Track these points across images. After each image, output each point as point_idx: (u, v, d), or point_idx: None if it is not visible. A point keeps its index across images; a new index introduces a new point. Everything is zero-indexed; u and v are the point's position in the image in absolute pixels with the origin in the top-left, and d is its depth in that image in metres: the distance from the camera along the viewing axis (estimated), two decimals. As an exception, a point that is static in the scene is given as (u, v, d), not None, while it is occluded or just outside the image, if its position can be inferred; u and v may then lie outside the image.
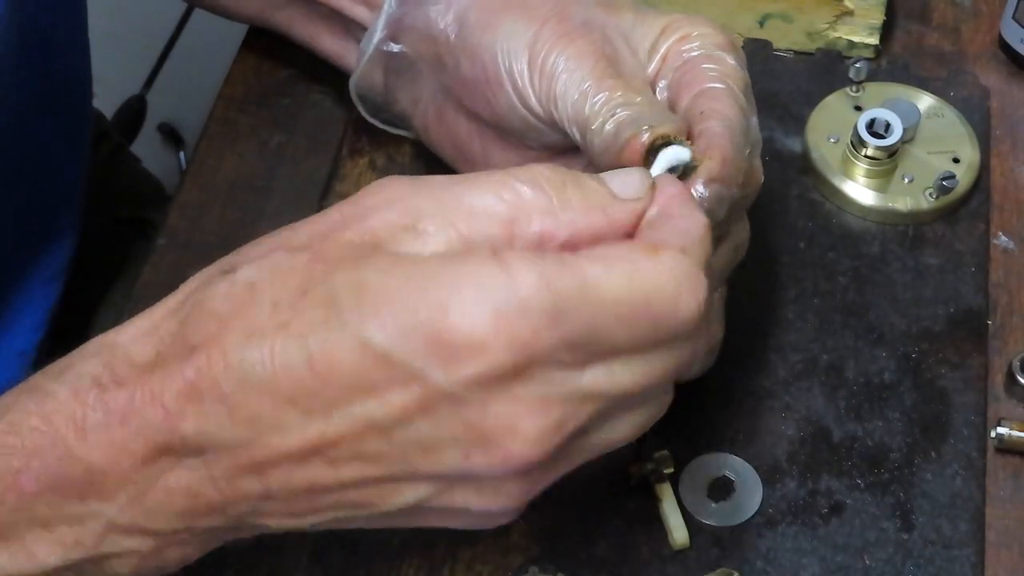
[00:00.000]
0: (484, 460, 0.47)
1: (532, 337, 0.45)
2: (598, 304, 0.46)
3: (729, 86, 0.60)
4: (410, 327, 0.45)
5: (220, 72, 0.83)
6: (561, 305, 0.46)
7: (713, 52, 0.61)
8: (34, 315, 0.83)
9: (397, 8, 0.69)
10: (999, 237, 0.75)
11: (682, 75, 0.61)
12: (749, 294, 0.72)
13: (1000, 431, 0.66)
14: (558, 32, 0.61)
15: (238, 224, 0.76)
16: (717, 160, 0.56)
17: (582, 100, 0.60)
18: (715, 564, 0.63)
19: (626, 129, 0.57)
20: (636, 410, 0.51)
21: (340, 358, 0.46)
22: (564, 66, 0.61)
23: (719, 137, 0.57)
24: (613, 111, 0.59)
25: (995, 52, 0.83)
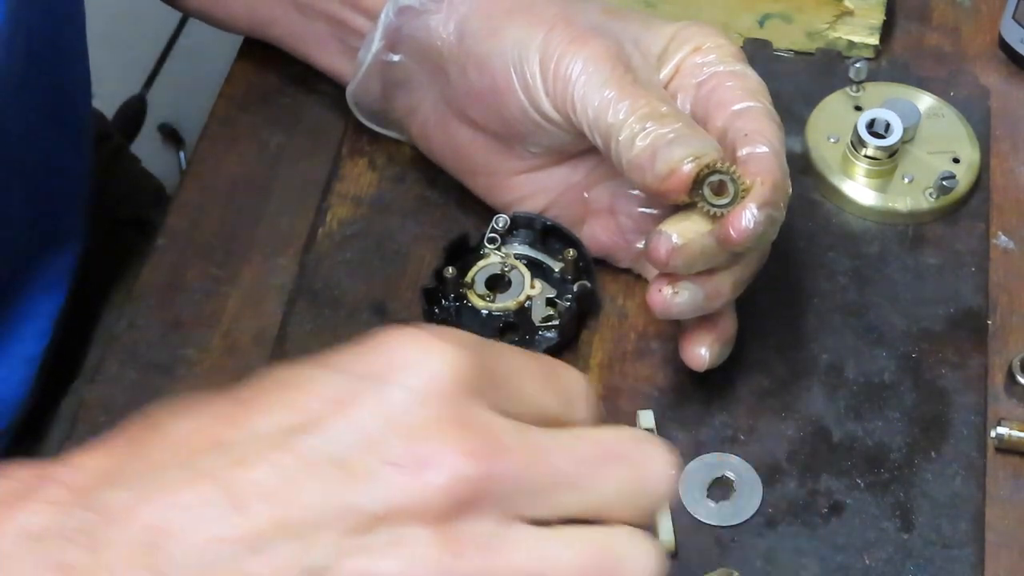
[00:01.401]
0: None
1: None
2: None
3: (764, 105, 0.61)
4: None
5: (220, 72, 0.83)
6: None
7: (735, 67, 0.62)
8: (40, 320, 0.83)
9: (395, 18, 0.69)
10: (999, 237, 0.75)
11: (710, 92, 0.62)
12: (749, 294, 0.72)
13: (1000, 431, 0.66)
14: (569, 36, 0.61)
15: (238, 224, 0.76)
16: (768, 185, 0.58)
17: (605, 107, 0.60)
18: (715, 564, 0.63)
19: (666, 153, 0.58)
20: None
21: None
22: (581, 69, 0.61)
23: (767, 161, 0.59)
24: (644, 125, 0.59)
25: (995, 52, 0.83)
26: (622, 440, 0.46)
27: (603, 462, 0.45)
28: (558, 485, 0.44)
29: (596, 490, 0.45)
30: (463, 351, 0.44)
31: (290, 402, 0.44)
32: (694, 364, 0.65)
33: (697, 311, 0.62)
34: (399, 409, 0.43)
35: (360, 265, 0.73)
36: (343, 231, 0.75)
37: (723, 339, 0.65)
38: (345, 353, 0.45)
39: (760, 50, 0.82)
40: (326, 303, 0.72)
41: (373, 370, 0.44)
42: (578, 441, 0.45)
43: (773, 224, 0.59)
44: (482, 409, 0.44)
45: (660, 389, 0.68)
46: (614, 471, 0.45)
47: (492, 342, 0.47)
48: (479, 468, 0.43)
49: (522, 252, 0.71)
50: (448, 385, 0.43)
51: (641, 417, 0.66)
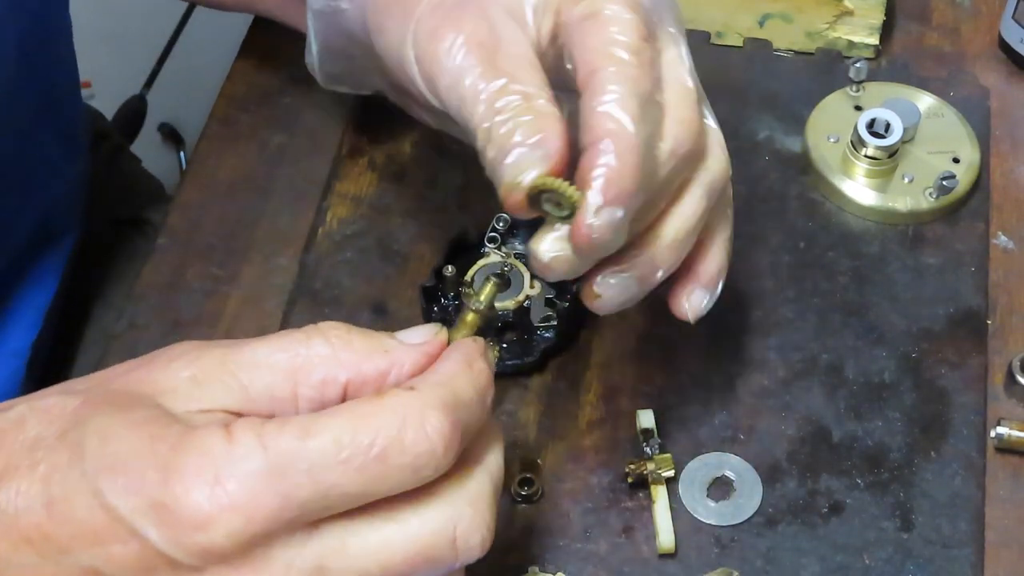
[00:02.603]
0: None
1: (251, 501, 0.45)
2: (318, 453, 0.46)
3: (619, 63, 0.54)
4: (137, 487, 0.45)
5: (220, 72, 0.83)
6: (279, 462, 0.45)
7: (603, 5, 0.56)
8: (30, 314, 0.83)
9: (320, 23, 0.66)
10: (999, 237, 0.75)
11: (573, 48, 0.56)
12: (749, 294, 0.72)
13: (1000, 431, 0.66)
14: (430, 25, 0.57)
15: (238, 224, 0.76)
16: (600, 188, 0.52)
17: (463, 107, 0.55)
18: (715, 564, 0.63)
19: (500, 173, 0.54)
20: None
21: (74, 504, 0.46)
22: (442, 64, 0.56)
23: (602, 157, 0.53)
24: (490, 133, 0.54)
25: (995, 52, 0.83)
26: (436, 541, 0.48)
27: (409, 572, 0.48)
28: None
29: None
30: (251, 485, 0.45)
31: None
32: (679, 316, 0.60)
33: (636, 296, 0.58)
34: (185, 564, 0.45)
35: (360, 265, 0.73)
36: (343, 231, 0.75)
37: (704, 283, 0.60)
38: (106, 470, 0.46)
39: (760, 50, 0.83)
40: (326, 303, 0.72)
41: (149, 517, 0.45)
42: (384, 556, 0.47)
43: (614, 225, 0.53)
44: (274, 546, 0.46)
45: (660, 389, 0.68)
46: (421, 572, 0.48)
47: (295, 441, 0.46)
48: None
49: (523, 252, 0.71)
50: (239, 541, 0.45)
51: (641, 417, 0.66)
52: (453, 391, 0.49)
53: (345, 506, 0.47)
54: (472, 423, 0.49)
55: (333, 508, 0.46)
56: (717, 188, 0.59)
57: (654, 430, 0.66)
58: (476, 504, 0.49)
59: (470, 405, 0.49)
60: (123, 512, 0.45)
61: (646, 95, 0.54)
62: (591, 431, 0.67)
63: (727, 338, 0.71)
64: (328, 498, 0.46)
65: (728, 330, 0.71)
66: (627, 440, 0.67)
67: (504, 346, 0.68)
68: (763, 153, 0.78)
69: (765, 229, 0.75)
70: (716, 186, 0.58)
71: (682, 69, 0.57)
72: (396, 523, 0.48)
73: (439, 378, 0.49)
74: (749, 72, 0.82)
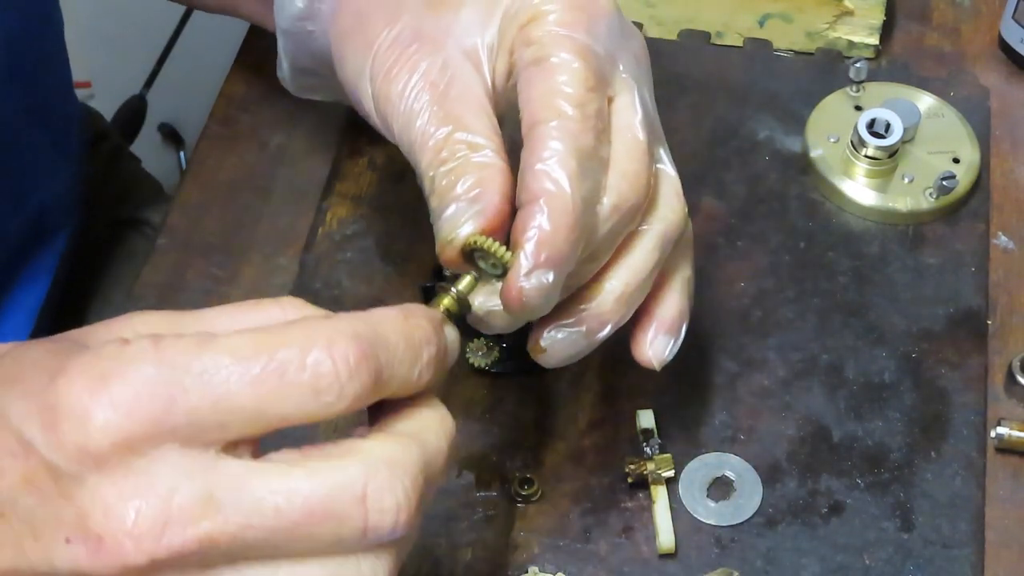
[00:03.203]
0: (83, 549, 0.43)
1: (133, 399, 0.43)
2: (213, 359, 0.43)
3: (561, 116, 0.53)
4: (28, 393, 0.44)
5: (220, 72, 0.83)
6: (170, 363, 0.43)
7: (550, 53, 0.54)
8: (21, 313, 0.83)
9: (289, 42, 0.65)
10: (999, 237, 0.75)
11: (520, 94, 0.55)
12: (749, 294, 0.72)
13: (1000, 431, 0.66)
14: (386, 63, 0.56)
15: (238, 224, 0.76)
16: (529, 250, 0.51)
17: (413, 150, 0.55)
18: (715, 564, 0.63)
19: (437, 228, 0.53)
20: (306, 563, 0.45)
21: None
22: (395, 106, 0.55)
23: (534, 218, 0.52)
24: (433, 184, 0.54)
25: (995, 52, 0.83)
26: (341, 492, 0.44)
27: (308, 524, 0.44)
28: (254, 548, 0.44)
29: (302, 546, 0.44)
30: (135, 386, 0.43)
31: None
32: (644, 364, 0.59)
33: (584, 349, 0.57)
34: (65, 472, 0.43)
35: (360, 265, 0.73)
36: (343, 231, 0.75)
37: (665, 329, 0.58)
38: (6, 384, 0.44)
39: (760, 50, 0.83)
40: (326, 303, 0.72)
41: (35, 420, 0.43)
42: (280, 499, 0.43)
43: (543, 291, 0.52)
44: (159, 461, 0.43)
45: (660, 389, 0.68)
46: (323, 530, 0.44)
47: (192, 349, 0.44)
48: (152, 550, 0.42)
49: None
50: (117, 439, 0.42)
51: (641, 417, 0.66)
52: (374, 328, 0.46)
53: (241, 424, 0.44)
54: (395, 372, 0.46)
55: (228, 425, 0.44)
56: (671, 237, 0.57)
57: (654, 430, 0.66)
58: (395, 468, 0.45)
59: (392, 350, 0.46)
60: (14, 420, 0.44)
61: (587, 151, 0.53)
62: (591, 431, 0.67)
63: (727, 338, 0.71)
64: (219, 410, 0.43)
65: (728, 330, 0.71)
66: (627, 440, 0.67)
67: (504, 346, 0.68)
68: (763, 153, 0.78)
69: (765, 229, 0.75)
70: (670, 235, 0.57)
71: (633, 118, 0.55)
72: (302, 468, 0.44)
73: (362, 315, 0.46)
74: (749, 72, 0.82)
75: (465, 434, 0.67)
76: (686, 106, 0.80)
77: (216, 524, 0.43)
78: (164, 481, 0.43)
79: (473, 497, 0.65)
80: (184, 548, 0.43)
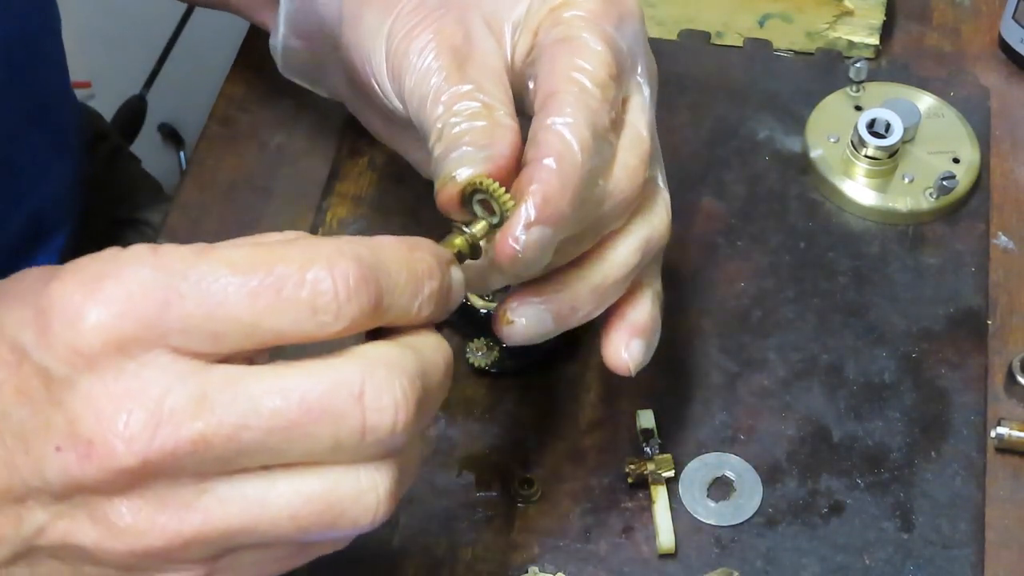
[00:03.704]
0: (73, 455, 0.42)
1: (125, 299, 0.41)
2: (210, 269, 0.42)
3: (582, 90, 0.53)
4: (23, 302, 0.43)
5: (220, 72, 0.83)
6: (166, 270, 0.42)
7: (578, 33, 0.54)
8: None
9: (292, 4, 0.65)
10: (999, 237, 0.75)
11: (539, 68, 0.55)
12: (749, 294, 0.72)
13: (1000, 431, 0.66)
14: (409, 23, 0.56)
15: (238, 224, 0.76)
16: (537, 202, 0.51)
17: (424, 105, 0.54)
18: (715, 564, 0.63)
19: (437, 168, 0.53)
20: (304, 475, 0.43)
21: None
22: (411, 63, 0.55)
23: (543, 172, 0.51)
24: (443, 131, 0.53)
25: (995, 52, 0.83)
26: (338, 389, 0.43)
27: (305, 423, 0.42)
28: (250, 452, 0.42)
29: (300, 449, 0.43)
30: (130, 286, 0.42)
31: None
32: (618, 369, 0.58)
33: (549, 332, 0.56)
34: (56, 377, 0.42)
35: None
36: (343, 231, 0.75)
37: (639, 333, 0.58)
38: (3, 300, 0.44)
39: (760, 50, 0.82)
40: (326, 303, 0.72)
41: (28, 326, 0.42)
42: (276, 399, 0.42)
43: (542, 246, 0.51)
44: (151, 365, 0.42)
45: (660, 389, 0.68)
46: (321, 430, 0.43)
47: (189, 257, 0.42)
48: (144, 451, 0.41)
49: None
50: (109, 338, 0.41)
51: (641, 417, 0.66)
52: (376, 254, 0.45)
53: (234, 336, 0.42)
54: (396, 303, 0.45)
55: (221, 336, 0.42)
56: (654, 245, 0.57)
57: (654, 430, 0.66)
58: (393, 369, 0.44)
59: (394, 277, 0.45)
60: (7, 329, 0.43)
61: (601, 129, 0.53)
62: (591, 431, 0.67)
63: (727, 338, 0.71)
64: (214, 319, 0.42)
65: (728, 330, 0.71)
66: (627, 440, 0.67)
67: (504, 346, 0.68)
68: (763, 153, 0.78)
69: (765, 229, 0.75)
70: (653, 242, 0.57)
71: (642, 118, 0.56)
72: (298, 368, 0.43)
73: (365, 239, 0.45)
74: (749, 72, 0.82)
75: (465, 434, 0.67)
76: (686, 106, 0.80)
77: (210, 424, 0.42)
78: (157, 383, 0.42)
79: (473, 497, 0.65)
80: (178, 449, 0.42)
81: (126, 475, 0.42)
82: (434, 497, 0.65)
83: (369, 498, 0.44)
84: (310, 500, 0.44)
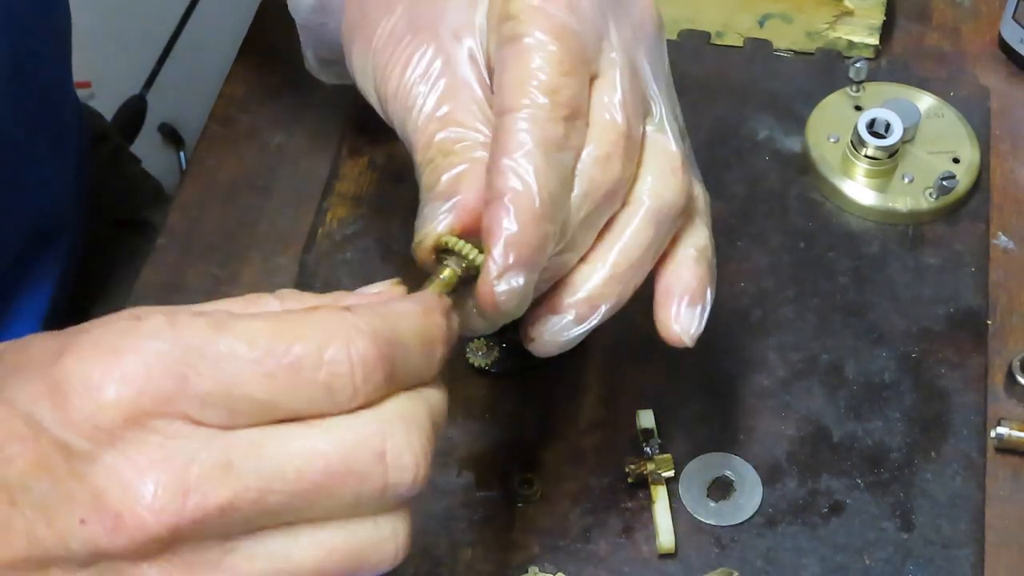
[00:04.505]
0: (100, 528, 0.42)
1: (144, 375, 0.42)
2: (228, 346, 0.43)
3: (531, 106, 0.51)
4: (35, 375, 0.43)
5: (220, 72, 0.83)
6: (184, 344, 0.42)
7: (524, 31, 0.52)
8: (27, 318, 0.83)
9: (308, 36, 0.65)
10: (999, 237, 0.75)
11: (495, 78, 0.53)
12: (749, 294, 0.72)
13: (1000, 431, 0.66)
14: (382, 60, 0.55)
15: (238, 224, 0.76)
16: (498, 253, 0.50)
17: (410, 150, 0.55)
18: (715, 564, 0.63)
19: (415, 225, 0.53)
20: (326, 527, 0.44)
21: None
22: (391, 103, 0.55)
23: (501, 215, 0.50)
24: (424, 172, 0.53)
25: (995, 52, 0.83)
26: (360, 450, 0.44)
27: (329, 484, 0.43)
28: (275, 513, 0.43)
29: (323, 508, 0.44)
30: (148, 361, 0.42)
31: None
32: (674, 343, 0.55)
33: (579, 335, 0.55)
34: (76, 451, 0.42)
35: (360, 265, 0.73)
36: (343, 231, 0.75)
37: (690, 300, 0.55)
38: (12, 373, 0.43)
39: (760, 50, 0.82)
40: (326, 303, 0.72)
41: (43, 400, 0.42)
42: (300, 462, 0.43)
43: (514, 293, 0.50)
44: (173, 436, 0.42)
45: (660, 389, 0.68)
46: (344, 490, 0.44)
47: (207, 332, 0.43)
48: (173, 521, 0.42)
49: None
50: (129, 414, 0.42)
51: (641, 417, 0.66)
52: (392, 327, 0.45)
53: (251, 413, 0.43)
54: (409, 372, 0.46)
55: (238, 412, 0.43)
56: (667, 214, 0.54)
57: (654, 430, 0.66)
58: (409, 423, 0.45)
59: (408, 349, 0.45)
60: (20, 404, 0.42)
61: (555, 142, 0.51)
62: (591, 431, 0.67)
63: (727, 338, 0.71)
64: (231, 397, 0.42)
65: (728, 330, 0.71)
66: (627, 440, 0.67)
67: (504, 346, 0.68)
68: (763, 153, 0.78)
69: (765, 229, 0.75)
70: (665, 212, 0.54)
71: (612, 97, 0.53)
72: (320, 429, 0.43)
73: (382, 309, 0.45)
74: (749, 72, 0.82)
75: (465, 434, 0.67)
76: (686, 106, 0.79)
77: (236, 491, 0.42)
78: (180, 453, 0.42)
79: (473, 497, 0.65)
80: (206, 516, 0.42)
81: (155, 543, 0.42)
82: (434, 497, 0.65)
83: (388, 546, 0.46)
84: (333, 552, 0.44)
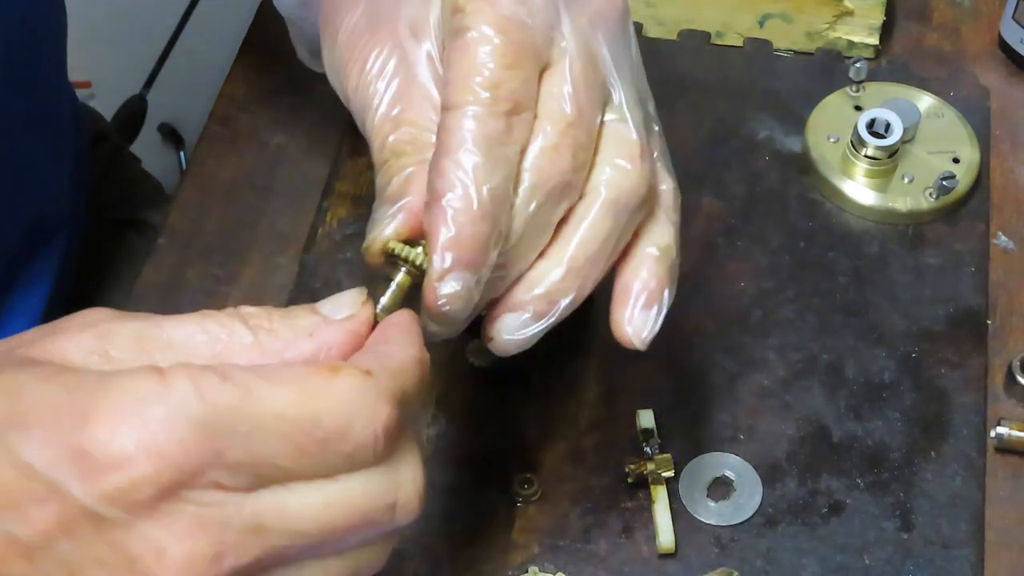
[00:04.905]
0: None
1: (179, 450, 0.42)
2: (259, 419, 0.43)
3: (472, 103, 0.50)
4: (54, 438, 0.43)
5: (220, 72, 0.83)
6: (216, 418, 0.43)
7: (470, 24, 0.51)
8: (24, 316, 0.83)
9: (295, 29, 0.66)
10: (999, 237, 0.75)
11: (443, 70, 0.52)
12: (749, 294, 0.72)
13: (1000, 431, 0.66)
14: (344, 58, 0.55)
15: (238, 224, 0.76)
16: (439, 257, 0.50)
17: (372, 149, 0.55)
18: (715, 564, 0.63)
19: (368, 231, 0.54)
20: (330, 559, 0.47)
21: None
22: (354, 105, 0.55)
23: (443, 221, 0.50)
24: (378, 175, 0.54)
25: (995, 52, 0.83)
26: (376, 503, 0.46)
27: (347, 531, 0.46)
28: (292, 559, 0.46)
29: (340, 547, 0.47)
30: (183, 435, 0.43)
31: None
32: (626, 344, 0.54)
33: (541, 331, 0.54)
34: (106, 518, 0.42)
35: (360, 265, 0.73)
36: (343, 230, 0.75)
37: (643, 303, 0.54)
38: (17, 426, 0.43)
39: (760, 50, 0.83)
40: (326, 303, 0.72)
41: (67, 467, 0.42)
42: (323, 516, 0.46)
43: (461, 295, 0.50)
44: (204, 504, 0.43)
45: (660, 389, 0.68)
46: (360, 534, 0.47)
47: (237, 403, 0.44)
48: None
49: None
50: (163, 486, 0.42)
51: (641, 417, 0.66)
52: (404, 386, 0.47)
53: (276, 477, 0.44)
54: (411, 417, 0.48)
55: (264, 477, 0.44)
56: (625, 203, 0.52)
57: (654, 430, 0.66)
58: (415, 470, 0.48)
59: (414, 400, 0.48)
60: (40, 468, 0.42)
61: (495, 138, 0.50)
62: (591, 431, 0.67)
63: (727, 338, 0.71)
64: (260, 466, 0.44)
65: (728, 330, 0.71)
66: (627, 440, 0.67)
67: (504, 346, 0.68)
68: (763, 153, 0.78)
69: (765, 229, 0.75)
70: (623, 201, 0.52)
71: (561, 88, 0.52)
72: (339, 485, 0.45)
73: (395, 366, 0.47)
74: (749, 72, 0.82)
75: (465, 434, 0.67)
76: (686, 106, 0.80)
77: (266, 549, 0.44)
78: (214, 519, 0.43)
79: (473, 497, 0.65)
80: (239, 573, 0.44)
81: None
82: (434, 497, 0.65)
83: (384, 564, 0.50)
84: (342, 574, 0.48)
